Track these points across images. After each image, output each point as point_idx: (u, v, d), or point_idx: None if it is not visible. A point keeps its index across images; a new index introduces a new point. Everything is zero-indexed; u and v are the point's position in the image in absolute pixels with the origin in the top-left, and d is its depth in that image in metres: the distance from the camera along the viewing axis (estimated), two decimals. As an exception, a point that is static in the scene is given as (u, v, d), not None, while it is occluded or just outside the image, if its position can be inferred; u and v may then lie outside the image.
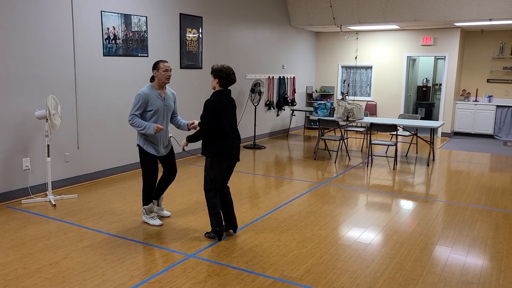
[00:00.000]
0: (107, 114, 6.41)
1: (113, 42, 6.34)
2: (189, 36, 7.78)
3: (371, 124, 7.75)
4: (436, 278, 3.49)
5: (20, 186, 5.39)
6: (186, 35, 7.72)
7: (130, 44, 6.61)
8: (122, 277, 3.41)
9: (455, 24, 9.82)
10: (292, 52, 11.32)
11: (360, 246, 4.11)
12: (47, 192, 5.44)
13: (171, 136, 4.61)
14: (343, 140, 8.27)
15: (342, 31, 11.85)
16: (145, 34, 6.84)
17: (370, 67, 11.95)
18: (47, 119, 5.11)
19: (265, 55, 10.16)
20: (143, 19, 6.78)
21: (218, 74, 4.04)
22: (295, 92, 11.56)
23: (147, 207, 4.54)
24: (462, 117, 11.23)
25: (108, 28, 6.23)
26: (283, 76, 10.95)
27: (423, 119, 11.91)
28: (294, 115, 11.54)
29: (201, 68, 8.16)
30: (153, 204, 4.63)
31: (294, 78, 11.50)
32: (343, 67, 12.40)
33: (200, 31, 8.03)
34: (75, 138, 5.99)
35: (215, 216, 4.15)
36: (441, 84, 11.84)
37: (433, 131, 8.13)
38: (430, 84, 12.94)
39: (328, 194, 5.83)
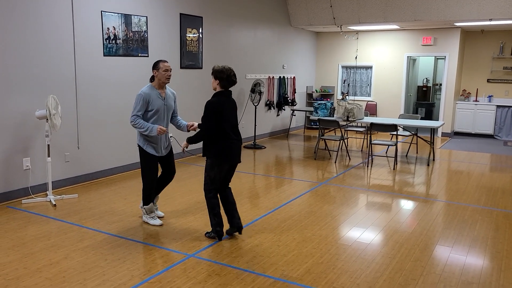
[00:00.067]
0: (107, 114, 6.41)
1: (113, 42, 6.34)
2: (189, 36, 7.78)
3: (371, 124, 7.75)
4: (436, 278, 3.49)
5: (21, 186, 5.39)
6: (186, 35, 7.72)
7: (130, 44, 6.61)
8: (122, 277, 3.41)
9: (455, 24, 9.82)
10: (292, 52, 11.32)
11: (360, 246, 4.11)
12: (47, 192, 5.44)
13: (171, 136, 4.61)
14: (343, 140, 8.27)
15: (342, 31, 11.85)
16: (145, 34, 6.84)
17: (370, 67, 11.95)
18: (47, 119, 5.11)
19: (265, 55, 10.16)
20: (143, 19, 6.78)
21: (219, 75, 4.03)
22: (295, 92, 11.56)
23: (147, 207, 4.54)
24: (462, 117, 11.22)
25: (108, 28, 6.23)
26: (283, 76, 10.95)
27: (423, 119, 11.91)
28: (294, 115, 11.54)
29: (201, 68, 8.16)
30: (153, 204, 4.63)
31: (294, 78, 11.50)
32: (343, 67, 12.40)
33: (200, 31, 8.03)
34: (75, 138, 5.99)
35: (215, 216, 4.15)
36: (441, 84, 11.84)
37: (433, 131, 8.13)
38: (430, 84, 12.94)
39: (328, 194, 5.83)
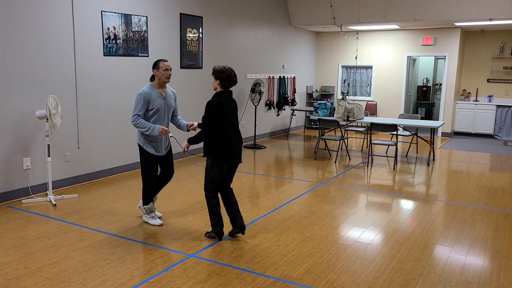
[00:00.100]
0: (107, 114, 6.41)
1: (113, 42, 6.34)
2: (189, 36, 7.78)
3: (371, 124, 7.75)
4: (436, 278, 3.49)
5: (21, 185, 5.39)
6: (187, 35, 7.72)
7: (130, 44, 6.61)
8: (122, 276, 3.41)
9: (455, 24, 9.82)
10: (292, 52, 11.32)
11: (360, 246, 4.11)
12: (47, 192, 5.44)
13: (171, 136, 4.60)
14: (343, 140, 8.27)
15: (342, 31, 11.85)
16: (145, 34, 6.84)
17: (370, 67, 11.95)
18: (47, 119, 5.11)
19: (265, 55, 10.16)
20: (143, 19, 6.78)
21: (219, 75, 4.03)
22: (295, 92, 11.56)
23: (147, 207, 4.54)
24: (462, 117, 11.22)
25: (108, 28, 6.23)
26: (283, 76, 10.95)
27: (423, 119, 11.91)
28: (294, 115, 11.54)
29: (201, 68, 8.16)
30: (153, 204, 4.63)
31: (294, 78, 11.50)
32: (343, 67, 12.40)
33: (200, 31, 8.03)
34: (75, 138, 5.99)
35: (215, 216, 4.15)
36: (441, 84, 11.84)
37: (433, 131, 8.13)
38: (430, 84, 12.94)
39: (328, 194, 5.83)
